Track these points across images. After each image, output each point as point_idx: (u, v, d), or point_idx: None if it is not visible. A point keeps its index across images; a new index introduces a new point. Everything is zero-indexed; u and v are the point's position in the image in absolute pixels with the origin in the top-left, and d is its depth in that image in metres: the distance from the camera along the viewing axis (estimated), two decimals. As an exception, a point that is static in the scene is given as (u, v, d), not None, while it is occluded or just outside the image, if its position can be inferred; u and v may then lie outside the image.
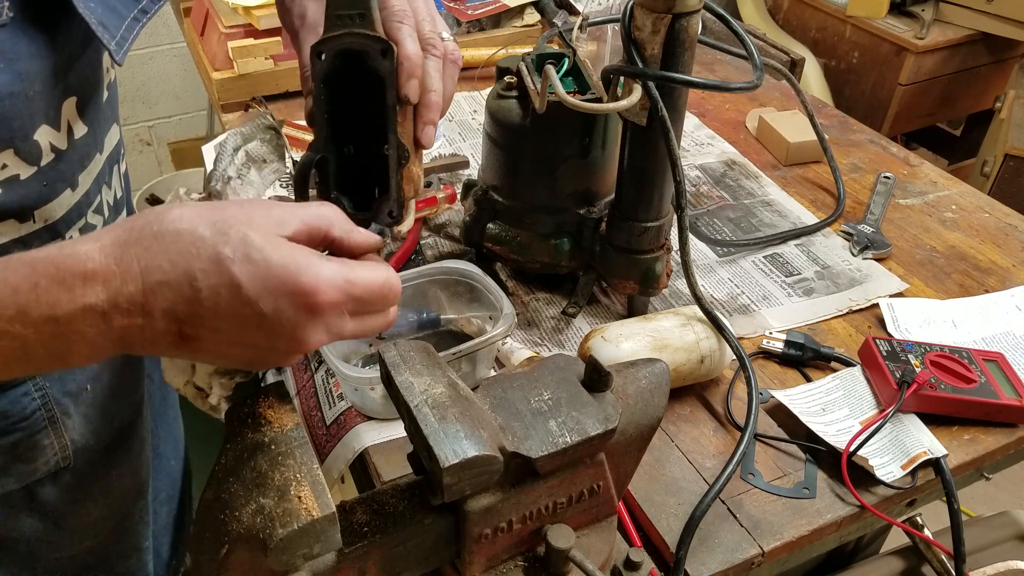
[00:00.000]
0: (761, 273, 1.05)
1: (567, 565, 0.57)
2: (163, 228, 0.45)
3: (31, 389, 0.69)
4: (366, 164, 0.57)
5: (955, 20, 2.37)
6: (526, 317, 0.96)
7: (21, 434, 0.70)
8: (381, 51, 0.54)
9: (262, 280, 0.45)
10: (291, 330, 0.47)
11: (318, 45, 0.55)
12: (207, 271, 0.44)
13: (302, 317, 0.46)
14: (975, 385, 0.84)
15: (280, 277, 0.45)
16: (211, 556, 0.49)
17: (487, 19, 1.54)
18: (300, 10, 0.65)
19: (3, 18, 0.51)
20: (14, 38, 0.52)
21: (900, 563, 0.89)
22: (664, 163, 0.83)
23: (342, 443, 0.82)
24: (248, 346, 0.47)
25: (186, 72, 2.33)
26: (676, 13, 0.74)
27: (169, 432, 1.00)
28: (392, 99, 0.55)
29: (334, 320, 0.48)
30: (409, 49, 0.57)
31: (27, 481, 0.73)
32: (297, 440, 0.54)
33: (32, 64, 0.54)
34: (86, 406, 0.75)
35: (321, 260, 0.47)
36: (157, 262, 0.44)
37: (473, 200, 0.97)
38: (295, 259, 0.46)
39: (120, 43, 0.57)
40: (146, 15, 0.61)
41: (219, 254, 0.45)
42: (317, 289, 0.46)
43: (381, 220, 0.55)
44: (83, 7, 0.54)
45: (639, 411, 0.62)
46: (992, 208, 1.20)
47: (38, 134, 0.57)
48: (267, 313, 0.45)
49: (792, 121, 1.32)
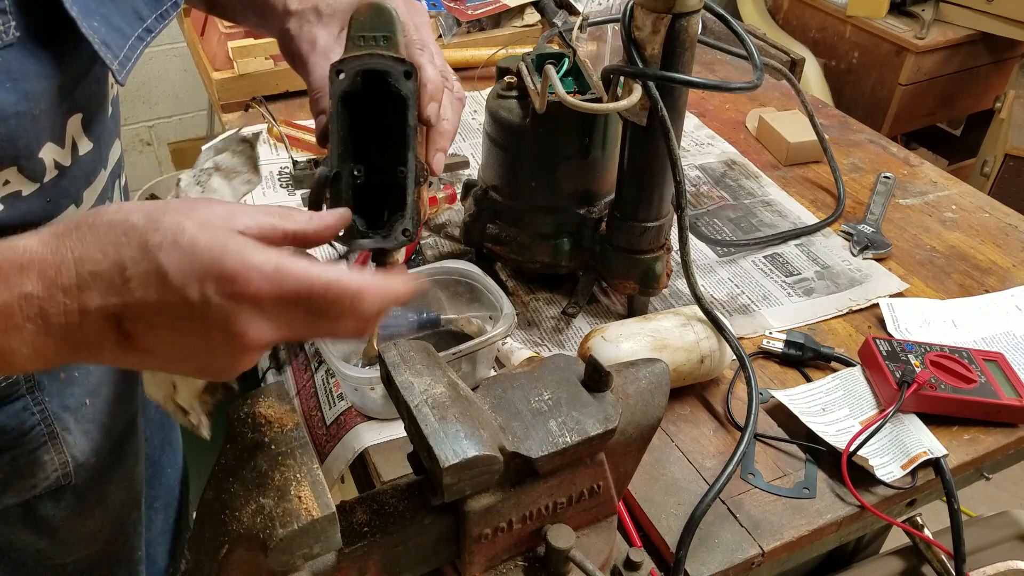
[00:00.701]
0: (761, 273, 1.05)
1: (567, 565, 0.57)
2: (98, 220, 0.44)
3: (30, 403, 0.69)
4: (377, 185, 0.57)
5: (955, 20, 2.37)
6: (526, 317, 0.96)
7: (21, 449, 0.70)
8: (404, 72, 0.55)
9: (188, 265, 0.43)
10: (223, 321, 0.44)
11: (339, 64, 0.55)
12: (136, 259, 0.43)
13: (231, 306, 0.43)
14: (975, 385, 0.84)
15: (203, 262, 0.43)
16: (211, 556, 0.49)
17: (487, 19, 1.54)
18: (309, 37, 0.66)
19: (9, 37, 0.51)
20: (20, 57, 0.52)
21: (900, 563, 0.89)
22: (664, 163, 0.83)
23: (342, 443, 0.82)
24: (188, 345, 0.45)
25: (186, 72, 2.33)
26: (676, 13, 0.74)
27: (167, 442, 0.99)
28: (414, 119, 0.56)
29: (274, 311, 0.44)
30: (431, 74, 0.58)
31: (26, 497, 0.73)
32: (297, 440, 0.54)
33: (38, 83, 0.54)
34: (87, 422, 0.75)
35: (255, 246, 0.44)
36: (89, 252, 0.43)
37: (473, 200, 0.97)
38: (223, 244, 0.43)
39: (123, 63, 0.57)
40: (150, 34, 0.60)
41: (147, 241, 0.43)
42: (240, 275, 0.43)
43: (396, 238, 0.55)
44: (87, 27, 0.54)
45: (639, 411, 0.62)
46: (992, 208, 1.20)
47: (43, 152, 0.57)
48: (195, 301, 0.43)
49: (792, 121, 1.32)
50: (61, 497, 0.76)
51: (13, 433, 0.69)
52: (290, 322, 0.45)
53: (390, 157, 0.57)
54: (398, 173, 0.55)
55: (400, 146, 0.56)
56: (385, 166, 0.57)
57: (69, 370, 0.72)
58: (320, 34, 0.65)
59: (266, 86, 1.37)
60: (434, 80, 0.58)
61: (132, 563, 0.89)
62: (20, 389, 0.68)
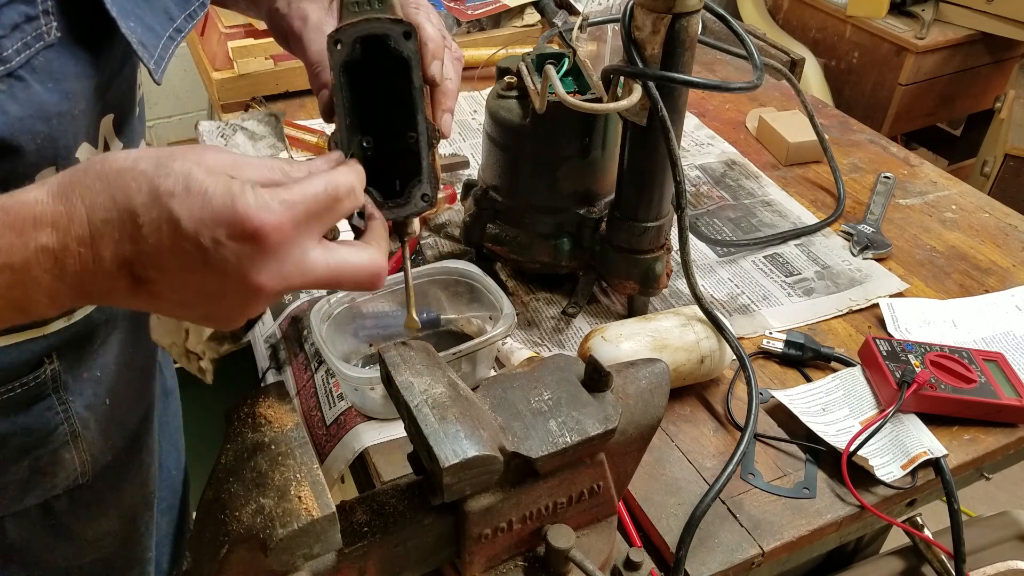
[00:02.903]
0: (761, 273, 1.05)
1: (567, 565, 0.57)
2: (106, 167, 0.44)
3: (55, 403, 0.69)
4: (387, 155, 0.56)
5: (955, 20, 2.37)
6: (526, 317, 0.96)
7: (44, 449, 0.70)
8: (404, 33, 0.53)
9: (199, 211, 0.43)
10: (237, 265, 0.44)
11: (336, 33, 0.54)
12: (147, 205, 0.43)
13: (246, 249, 0.44)
14: (975, 385, 0.84)
15: (216, 207, 0.43)
16: (211, 556, 0.49)
17: (487, 19, 1.54)
18: (300, 12, 0.65)
19: (51, 38, 0.51)
20: (62, 58, 0.53)
21: (900, 563, 0.89)
22: (664, 163, 0.83)
23: (342, 443, 0.82)
24: (199, 291, 0.45)
25: (186, 72, 2.33)
26: (676, 13, 0.74)
27: (172, 443, 0.99)
28: (418, 80, 0.54)
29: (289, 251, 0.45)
30: (430, 31, 0.57)
31: (47, 496, 0.73)
32: (297, 440, 0.54)
33: (78, 83, 0.54)
34: (105, 420, 0.75)
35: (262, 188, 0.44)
36: (100, 200, 0.43)
37: (473, 200, 0.97)
38: (232, 189, 0.43)
39: (158, 62, 0.57)
40: (180, 34, 0.60)
41: (157, 188, 0.43)
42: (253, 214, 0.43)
43: (415, 204, 0.53)
44: (125, 26, 0.54)
45: (639, 411, 0.62)
46: (992, 208, 1.20)
47: (79, 152, 0.57)
48: (208, 247, 0.43)
49: (792, 121, 1.32)
50: (79, 497, 0.76)
51: (39, 433, 0.69)
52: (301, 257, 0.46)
53: (397, 124, 0.55)
54: (408, 139, 0.54)
55: (408, 110, 0.54)
56: (393, 134, 0.56)
57: (92, 369, 0.72)
58: (311, 8, 0.64)
59: (266, 86, 1.37)
60: (435, 38, 0.57)
61: (143, 565, 0.89)
62: (47, 389, 0.68)
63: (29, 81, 0.51)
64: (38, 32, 0.51)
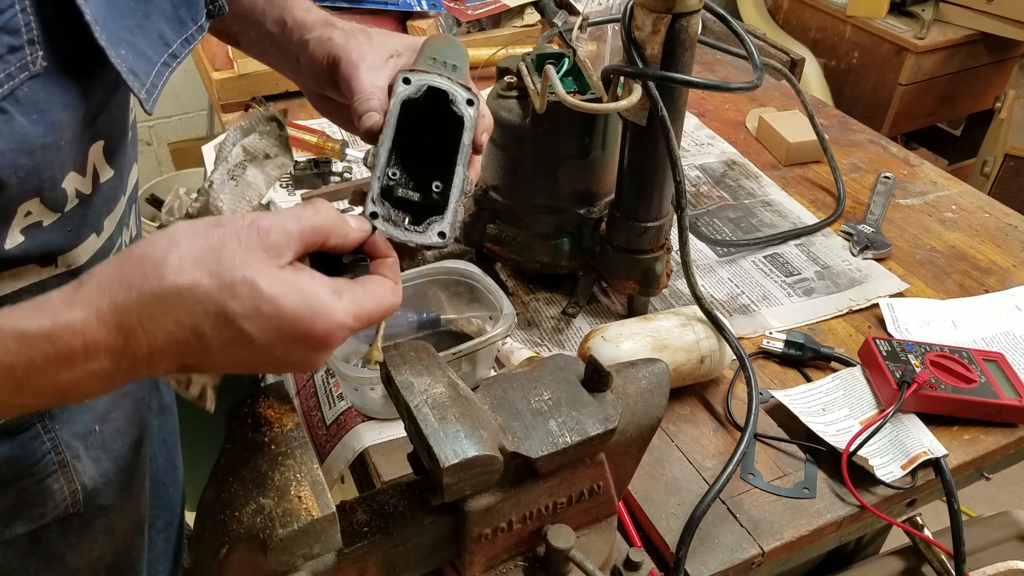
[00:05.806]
0: (761, 273, 1.05)
1: (567, 565, 0.57)
2: (163, 286, 0.44)
3: (40, 432, 0.67)
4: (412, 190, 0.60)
5: (955, 20, 2.37)
6: (526, 317, 0.96)
7: (30, 479, 0.68)
8: (468, 100, 0.60)
9: (275, 331, 0.45)
10: (301, 363, 0.48)
11: (410, 73, 0.60)
12: (216, 327, 0.45)
13: (315, 356, 0.48)
14: (975, 385, 0.84)
15: (295, 327, 0.46)
16: (211, 556, 0.49)
17: (487, 19, 1.54)
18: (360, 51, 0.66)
19: (36, 68, 0.49)
20: (47, 88, 0.50)
21: (900, 563, 0.89)
22: (664, 163, 0.83)
23: (342, 443, 0.82)
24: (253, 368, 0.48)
25: (186, 72, 2.32)
26: (676, 13, 0.74)
27: (169, 460, 0.98)
28: (468, 140, 0.60)
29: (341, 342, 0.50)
30: (485, 108, 0.62)
31: (35, 526, 0.71)
32: (297, 440, 0.54)
33: (64, 114, 0.53)
34: (96, 448, 0.73)
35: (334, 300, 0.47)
36: (162, 323, 0.44)
37: (473, 200, 0.97)
38: (307, 304, 0.46)
39: (150, 91, 0.56)
40: (176, 59, 0.59)
41: (226, 310, 0.44)
42: (332, 333, 0.47)
43: (430, 237, 0.57)
44: (115, 55, 0.52)
45: (639, 411, 0.62)
46: (992, 208, 1.20)
47: (66, 182, 0.56)
48: (280, 356, 0.47)
49: (792, 121, 1.32)
50: (69, 525, 0.74)
51: (23, 463, 0.67)
52: None
53: (426, 168, 0.60)
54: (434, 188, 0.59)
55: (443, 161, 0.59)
56: (419, 176, 0.60)
57: None
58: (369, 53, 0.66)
59: (266, 86, 1.37)
60: (488, 115, 0.63)
61: None
62: (32, 418, 0.66)
63: (12, 113, 0.49)
64: (22, 62, 0.48)
